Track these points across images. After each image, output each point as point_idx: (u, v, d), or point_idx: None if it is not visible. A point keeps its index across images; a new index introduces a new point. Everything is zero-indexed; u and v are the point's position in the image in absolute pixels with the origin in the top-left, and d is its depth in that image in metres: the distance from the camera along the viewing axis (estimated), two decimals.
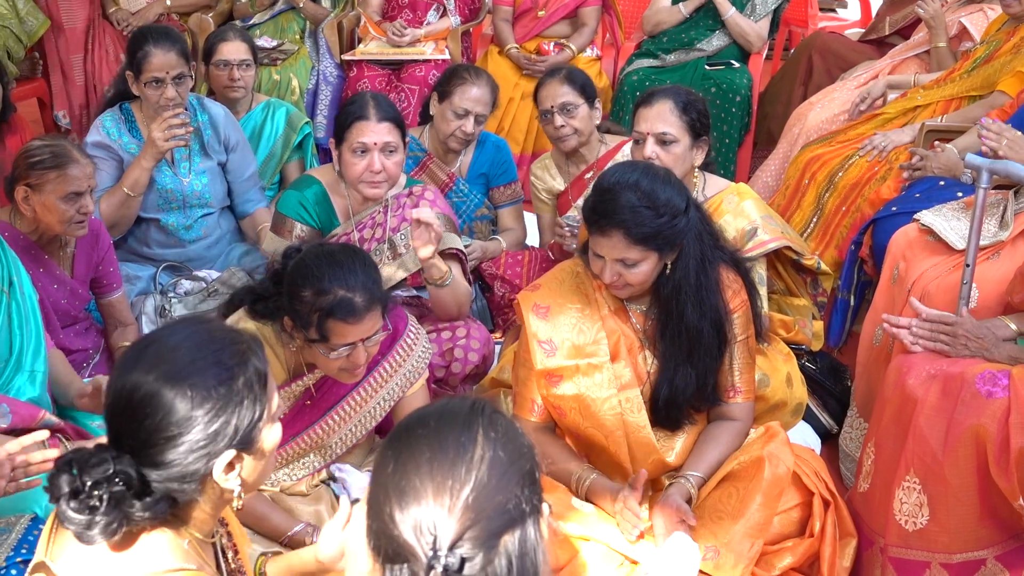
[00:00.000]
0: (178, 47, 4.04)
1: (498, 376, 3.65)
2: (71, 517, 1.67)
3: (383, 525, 1.48)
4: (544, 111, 4.24)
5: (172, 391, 1.70)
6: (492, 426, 1.53)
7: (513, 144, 5.25)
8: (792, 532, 2.82)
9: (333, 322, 2.69)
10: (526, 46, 5.90)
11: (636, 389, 2.85)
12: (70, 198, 3.34)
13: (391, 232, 3.70)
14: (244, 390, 1.76)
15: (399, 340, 3.02)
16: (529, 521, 1.50)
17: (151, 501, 1.71)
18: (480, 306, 4.31)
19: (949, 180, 3.95)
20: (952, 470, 2.71)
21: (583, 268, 2.93)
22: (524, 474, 1.51)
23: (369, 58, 5.76)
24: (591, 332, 2.87)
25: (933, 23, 4.97)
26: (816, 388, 3.74)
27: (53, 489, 1.70)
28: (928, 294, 3.28)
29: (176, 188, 4.15)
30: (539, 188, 4.39)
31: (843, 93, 5.23)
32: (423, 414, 1.57)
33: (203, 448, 1.72)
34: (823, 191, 4.53)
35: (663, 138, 3.47)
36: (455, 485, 1.46)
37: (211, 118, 4.28)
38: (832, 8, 8.54)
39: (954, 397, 2.74)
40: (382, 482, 1.51)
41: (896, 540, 2.83)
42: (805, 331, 3.68)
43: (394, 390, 3.02)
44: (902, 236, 3.59)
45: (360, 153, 3.57)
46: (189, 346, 1.76)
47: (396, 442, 1.54)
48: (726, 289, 2.88)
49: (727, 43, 5.72)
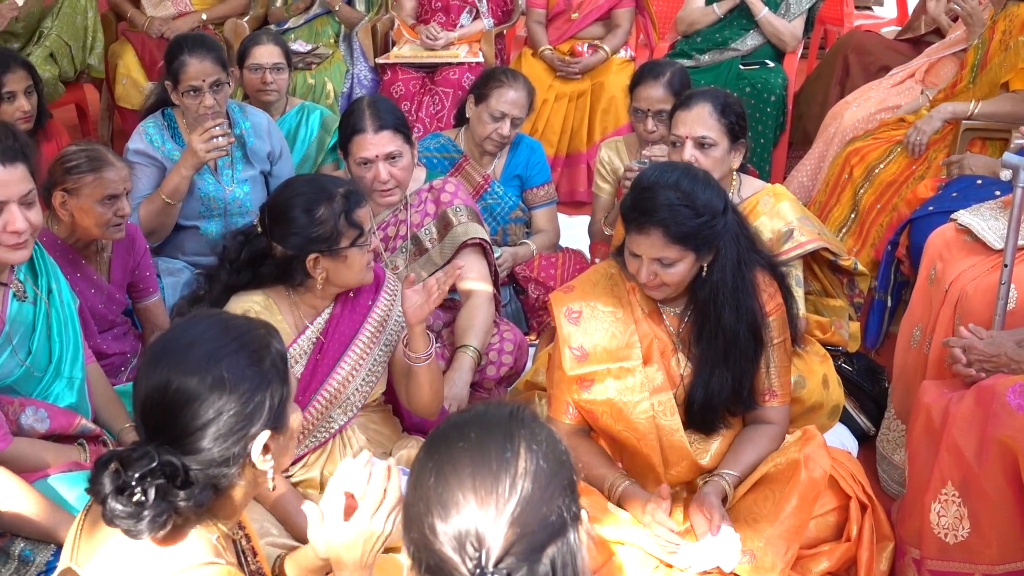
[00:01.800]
0: (214, 54, 4.04)
1: (532, 379, 3.66)
2: (119, 512, 1.71)
3: (423, 537, 1.48)
4: (638, 108, 4.24)
5: (206, 378, 1.75)
6: (534, 437, 1.51)
7: (547, 145, 5.25)
8: (828, 536, 2.80)
9: (356, 212, 2.87)
10: (560, 48, 5.90)
11: (669, 392, 2.84)
12: (107, 201, 3.36)
13: (414, 228, 3.74)
14: (272, 370, 1.83)
15: (382, 285, 3.10)
16: (570, 530, 1.49)
17: (195, 490, 1.75)
18: (514, 309, 4.32)
19: (987, 179, 3.91)
20: (989, 482, 2.67)
21: (617, 270, 2.93)
22: (566, 484, 1.51)
23: (403, 61, 5.78)
24: (624, 335, 2.86)
25: (971, 20, 4.91)
26: (853, 390, 3.72)
27: (96, 488, 1.73)
28: (966, 295, 3.25)
29: (218, 196, 4.14)
30: (604, 169, 4.40)
31: (879, 92, 5.19)
32: (462, 422, 1.55)
33: (241, 430, 1.77)
34: (859, 187, 4.49)
35: (702, 141, 3.45)
36: (500, 500, 1.45)
37: (254, 126, 4.26)
38: (868, 6, 8.47)
39: (986, 409, 2.71)
40: (422, 493, 1.50)
41: (935, 553, 2.79)
42: (841, 332, 3.65)
43: (392, 334, 3.07)
44: (939, 236, 3.56)
45: (365, 166, 3.61)
46: (212, 335, 1.82)
47: (436, 452, 1.53)
48: (762, 292, 2.87)
49: (761, 43, 5.70)
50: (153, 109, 4.26)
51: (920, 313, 3.49)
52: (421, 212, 3.75)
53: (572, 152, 5.80)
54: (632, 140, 4.42)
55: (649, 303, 2.90)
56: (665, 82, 4.19)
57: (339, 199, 2.85)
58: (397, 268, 3.73)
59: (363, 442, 3.08)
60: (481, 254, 3.76)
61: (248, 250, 2.95)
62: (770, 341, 2.89)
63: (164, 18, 5.95)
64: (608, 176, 4.40)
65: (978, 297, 3.22)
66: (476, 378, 3.63)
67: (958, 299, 3.27)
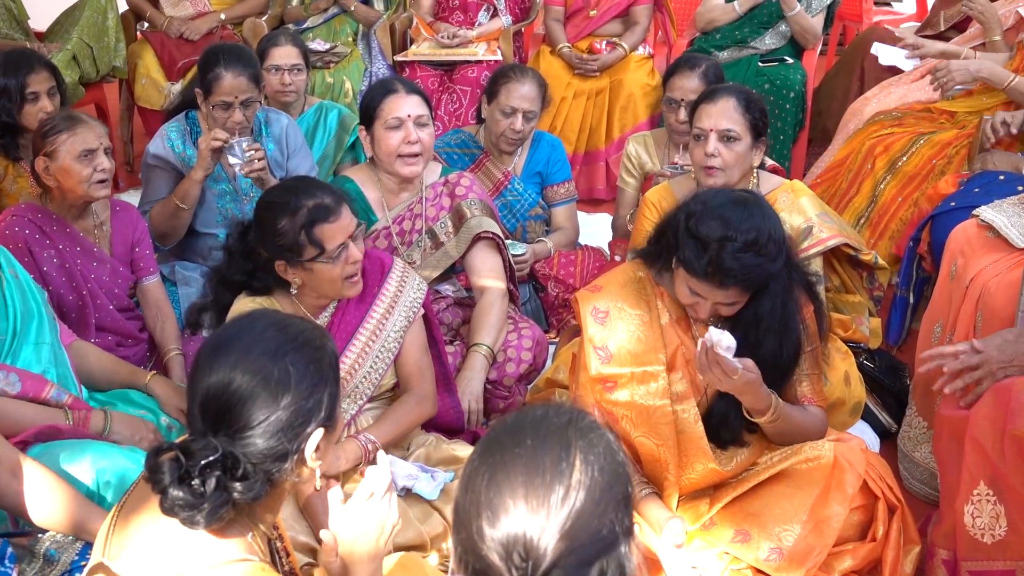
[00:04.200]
0: (250, 71, 4.00)
1: (553, 376, 3.66)
2: (180, 501, 1.73)
3: (471, 538, 1.47)
4: (671, 98, 4.27)
5: (272, 374, 1.80)
6: (591, 447, 1.49)
7: (566, 143, 5.25)
8: (852, 536, 2.79)
9: (319, 228, 2.83)
10: (578, 45, 5.90)
11: (692, 400, 2.83)
12: (84, 158, 3.41)
13: (430, 222, 3.76)
14: (328, 369, 1.87)
15: (389, 271, 3.12)
16: (621, 544, 1.47)
17: (252, 482, 1.78)
18: (534, 306, 4.32)
19: (1009, 174, 3.89)
20: (1017, 478, 2.66)
21: (645, 273, 2.92)
22: (620, 498, 1.48)
23: (421, 59, 5.79)
24: (650, 340, 2.84)
25: (983, 18, 4.90)
26: (874, 386, 3.71)
27: (157, 477, 1.76)
28: (988, 291, 3.23)
29: (236, 209, 4.13)
30: (631, 163, 4.43)
31: (899, 88, 5.16)
32: (519, 426, 1.53)
33: (300, 426, 1.82)
34: (880, 179, 4.48)
35: (727, 135, 3.45)
36: (551, 511, 1.43)
37: (274, 134, 4.25)
38: (887, 2, 8.45)
39: (1004, 407, 2.69)
40: (474, 496, 1.48)
41: (973, 554, 2.75)
42: (862, 329, 3.65)
43: (399, 322, 3.09)
44: (961, 232, 3.54)
45: (395, 128, 3.64)
46: (273, 334, 1.86)
47: (490, 455, 1.51)
48: (804, 313, 2.84)
49: (780, 43, 5.67)
50: (178, 110, 4.26)
51: (941, 309, 3.47)
52: (436, 206, 3.78)
53: (591, 150, 5.79)
54: (660, 135, 4.43)
55: (677, 309, 2.88)
56: (700, 73, 4.24)
57: (304, 213, 2.84)
58: (414, 262, 3.75)
59: None
60: (495, 249, 3.78)
61: (243, 242, 3.00)
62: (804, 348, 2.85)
63: (183, 18, 5.96)
64: (634, 170, 4.41)
65: (1000, 293, 3.21)
66: (495, 375, 3.63)
67: (979, 295, 3.25)
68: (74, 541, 2.47)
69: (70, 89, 5.22)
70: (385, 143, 3.66)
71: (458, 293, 3.91)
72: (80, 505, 2.48)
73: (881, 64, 5.50)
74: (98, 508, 2.49)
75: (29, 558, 2.45)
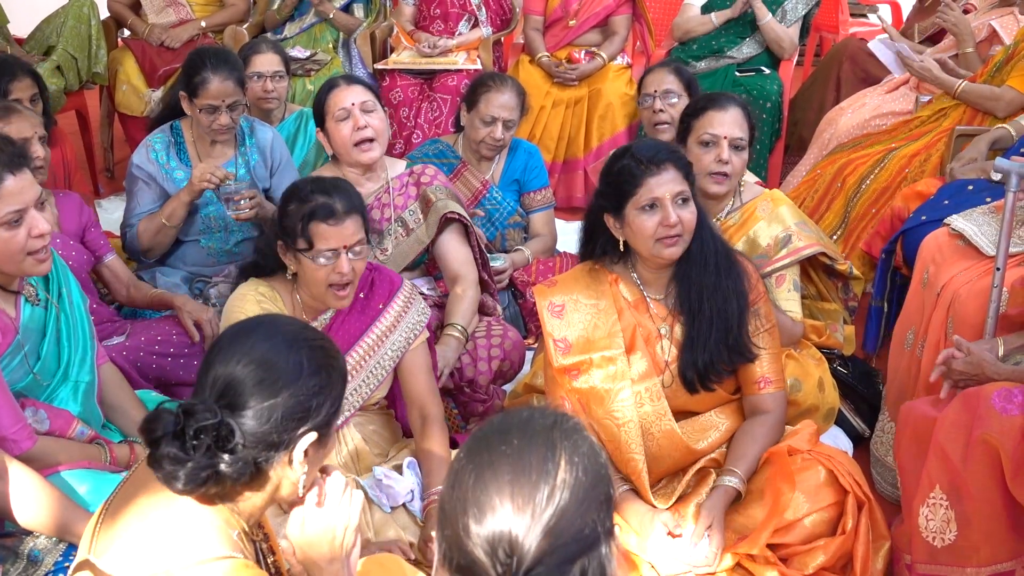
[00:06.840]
0: (236, 75, 4.02)
1: (531, 381, 3.70)
2: (167, 454, 1.77)
3: (456, 535, 1.48)
4: (646, 95, 4.37)
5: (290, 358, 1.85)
6: (576, 448, 1.51)
7: (545, 152, 5.28)
8: (824, 532, 2.82)
9: (315, 224, 2.88)
10: (557, 55, 5.94)
11: (655, 378, 2.91)
12: None
13: (399, 211, 3.87)
14: (337, 380, 1.92)
15: (397, 291, 3.15)
16: (602, 544, 1.49)
17: (238, 457, 1.81)
18: (512, 313, 4.35)
19: (978, 184, 3.93)
20: (975, 484, 2.70)
21: (600, 265, 3.01)
22: (602, 499, 1.51)
23: (402, 67, 5.81)
24: (606, 326, 2.93)
25: (956, 30, 4.98)
26: (848, 392, 3.75)
27: (152, 427, 1.80)
28: (959, 298, 3.29)
29: (219, 216, 4.13)
30: None
31: (873, 99, 5.24)
32: (506, 426, 1.55)
33: (299, 420, 1.85)
34: (852, 196, 4.55)
35: (738, 143, 3.51)
36: (536, 509, 1.45)
37: (259, 143, 4.25)
38: (863, 14, 8.52)
39: (972, 412, 2.74)
40: (460, 493, 1.50)
41: (924, 557, 2.81)
42: (836, 335, 3.69)
43: (398, 342, 3.11)
44: (932, 240, 3.60)
45: (344, 119, 3.76)
46: (297, 329, 1.94)
47: (477, 453, 1.53)
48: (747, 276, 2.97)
49: (757, 52, 5.74)
50: (162, 119, 4.27)
51: (914, 316, 3.53)
52: (404, 195, 3.88)
53: (569, 158, 5.83)
54: None
55: (634, 292, 2.97)
56: (671, 68, 4.39)
57: (310, 205, 2.91)
58: (386, 250, 3.85)
59: (358, 441, 3.11)
60: (464, 238, 3.86)
61: None
62: (760, 328, 2.96)
63: (164, 25, 5.97)
64: None
65: (972, 301, 3.26)
66: (471, 374, 3.70)
67: (951, 302, 3.30)
68: (58, 543, 2.48)
69: (54, 98, 5.23)
70: (338, 135, 3.77)
71: (434, 292, 3.96)
72: (65, 507, 2.49)
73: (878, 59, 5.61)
74: (83, 511, 2.49)
75: (13, 559, 2.47)
